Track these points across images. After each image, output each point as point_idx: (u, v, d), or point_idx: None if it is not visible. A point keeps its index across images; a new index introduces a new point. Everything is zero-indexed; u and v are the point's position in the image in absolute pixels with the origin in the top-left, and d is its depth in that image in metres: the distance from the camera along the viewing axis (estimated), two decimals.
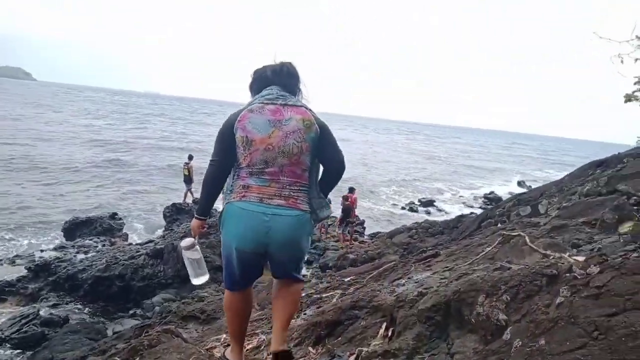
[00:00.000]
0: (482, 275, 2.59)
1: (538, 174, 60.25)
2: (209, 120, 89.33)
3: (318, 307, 4.06)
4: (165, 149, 41.28)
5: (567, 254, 2.97)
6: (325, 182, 2.56)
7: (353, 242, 16.71)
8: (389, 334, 2.90)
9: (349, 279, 5.33)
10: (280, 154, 2.32)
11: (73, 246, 15.56)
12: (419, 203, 30.85)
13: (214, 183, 2.51)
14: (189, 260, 2.72)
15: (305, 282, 6.22)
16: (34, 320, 10.47)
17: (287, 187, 2.36)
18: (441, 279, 3.20)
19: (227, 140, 2.40)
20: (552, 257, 3.01)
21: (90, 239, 16.22)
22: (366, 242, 16.93)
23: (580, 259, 2.59)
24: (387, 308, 3.05)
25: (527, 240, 3.20)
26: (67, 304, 11.93)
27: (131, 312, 10.97)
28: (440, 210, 29.48)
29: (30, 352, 9.41)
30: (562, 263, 2.38)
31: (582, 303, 1.92)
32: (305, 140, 2.34)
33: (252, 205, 2.32)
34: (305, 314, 4.06)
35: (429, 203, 30.69)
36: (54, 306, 11.62)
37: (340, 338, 3.15)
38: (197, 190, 20.37)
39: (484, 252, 3.45)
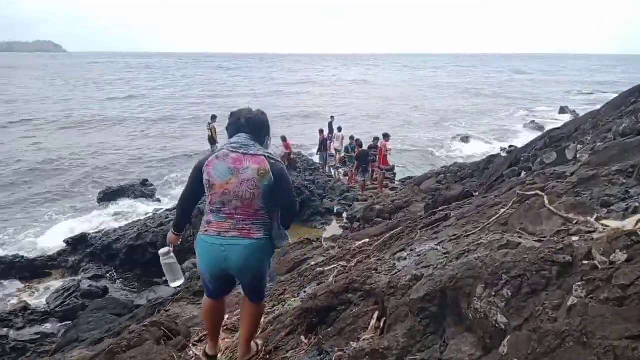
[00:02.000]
0: (483, 257, 2.12)
1: (580, 98, 56.75)
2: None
3: (318, 284, 3.72)
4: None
5: (595, 216, 2.41)
6: (282, 218, 2.88)
7: (384, 188, 16.31)
8: (381, 325, 2.51)
9: (359, 243, 4.94)
10: (235, 197, 2.65)
11: (108, 215, 15.97)
12: (452, 139, 29.72)
13: (183, 208, 2.96)
14: (166, 266, 3.16)
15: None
16: (75, 293, 10.87)
17: (241, 222, 2.70)
18: (443, 253, 2.74)
19: (196, 178, 2.75)
20: (575, 221, 2.46)
21: (124, 207, 16.58)
22: (397, 188, 16.47)
23: (612, 224, 2.05)
24: (380, 294, 2.64)
25: (546, 202, 2.65)
26: (106, 273, 12.28)
27: (164, 278, 11.10)
28: (477, 144, 28.32)
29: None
30: (579, 243, 1.85)
31: (600, 311, 1.43)
32: (257, 188, 2.64)
33: (211, 238, 2.72)
34: (305, 292, 3.72)
35: (464, 139, 29.47)
36: (94, 277, 11.98)
37: (330, 329, 2.79)
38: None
39: (496, 216, 2.93)
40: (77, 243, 13.52)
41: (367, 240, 5.03)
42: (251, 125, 2.78)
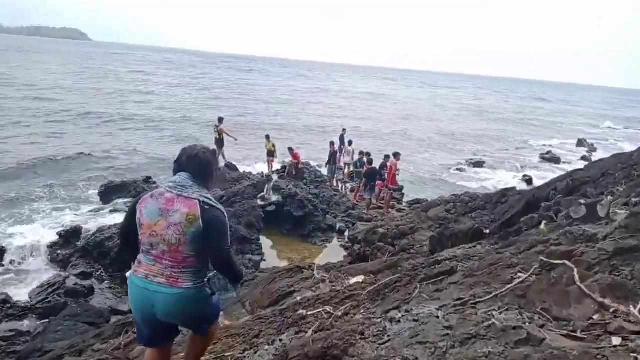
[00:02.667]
0: (495, 356, 1.61)
1: (599, 132, 55.78)
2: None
3: (297, 332, 3.22)
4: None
5: (638, 308, 1.91)
6: (218, 271, 2.64)
7: (390, 209, 15.78)
8: None
9: (352, 281, 4.45)
10: (162, 241, 2.49)
11: (106, 210, 15.62)
12: (467, 164, 29.09)
13: (122, 244, 2.91)
14: None
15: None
16: (59, 290, 10.47)
17: (169, 268, 2.51)
18: (445, 327, 2.23)
19: (132, 214, 2.62)
20: (613, 309, 1.96)
21: (124, 203, 16.21)
22: (404, 210, 15.93)
23: None
24: None
25: (576, 277, 2.15)
26: (95, 271, 11.88)
27: None
28: (490, 171, 27.66)
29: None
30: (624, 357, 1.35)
31: None
32: (184, 234, 2.46)
33: (139, 281, 2.58)
34: (281, 340, 3.22)
35: (478, 164, 28.84)
36: (81, 274, 11.57)
37: None
38: (228, 153, 19.95)
39: (513, 284, 2.43)
40: (70, 236, 13.15)
41: (362, 278, 4.54)
42: (192, 165, 2.60)
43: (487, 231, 6.74)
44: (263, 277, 5.66)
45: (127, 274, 2.86)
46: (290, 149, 18.13)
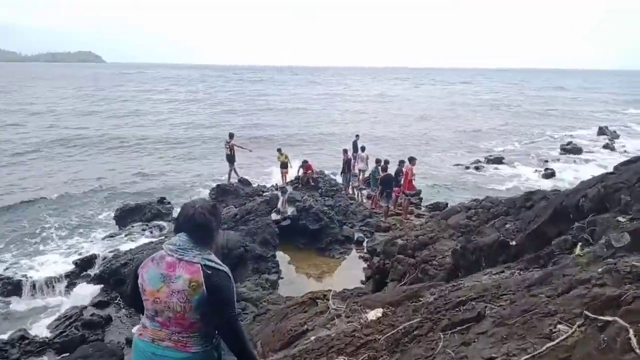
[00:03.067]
0: None
1: (621, 118, 54.16)
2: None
3: None
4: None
5: None
6: (223, 340, 2.55)
7: (409, 215, 15.33)
8: None
9: (370, 315, 4.09)
10: (166, 308, 2.36)
11: (121, 234, 15.52)
12: (485, 160, 28.35)
13: (134, 306, 2.65)
14: None
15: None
16: (75, 322, 10.33)
17: (176, 333, 2.41)
18: None
19: (133, 280, 2.52)
20: None
21: (140, 226, 16.11)
22: (423, 215, 15.46)
23: None
24: None
25: (633, 342, 1.75)
26: (112, 300, 11.73)
27: None
28: (510, 167, 26.89)
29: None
30: None
31: None
32: (188, 302, 2.34)
33: (144, 345, 2.44)
34: None
35: (497, 160, 28.06)
36: (98, 304, 11.44)
37: None
38: (241, 169, 19.74)
39: (554, 342, 2.04)
40: (86, 265, 13.08)
41: (380, 312, 4.17)
42: (189, 226, 2.44)
43: (513, 242, 6.30)
44: (276, 310, 5.33)
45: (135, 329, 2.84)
46: (304, 162, 17.92)
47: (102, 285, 12.10)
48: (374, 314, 4.22)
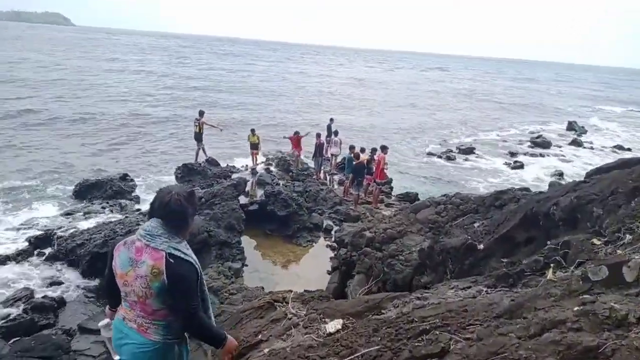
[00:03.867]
0: None
1: (590, 113, 55.50)
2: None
3: None
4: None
5: None
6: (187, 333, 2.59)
7: (378, 204, 15.22)
8: None
9: (330, 328, 3.86)
10: (132, 292, 2.42)
11: (80, 212, 14.83)
12: (457, 151, 28.51)
13: (109, 289, 2.70)
14: (107, 339, 2.86)
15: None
16: (24, 305, 9.80)
17: (141, 317, 2.47)
18: None
19: (110, 261, 2.57)
20: None
21: (100, 204, 15.44)
22: (393, 204, 15.38)
23: None
24: None
25: None
26: (67, 280, 11.21)
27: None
28: (481, 158, 27.14)
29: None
30: None
31: None
32: (150, 288, 2.36)
33: (117, 321, 2.58)
34: None
35: (468, 151, 28.26)
36: (52, 284, 10.92)
37: None
38: (210, 148, 19.13)
39: None
40: (40, 243, 12.44)
41: (340, 323, 3.95)
42: (164, 213, 2.45)
43: (481, 246, 6.17)
44: (231, 313, 5.03)
45: (103, 323, 2.88)
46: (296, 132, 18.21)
47: (56, 266, 11.57)
48: (333, 326, 3.99)
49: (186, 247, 2.52)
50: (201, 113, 17.02)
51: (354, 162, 14.49)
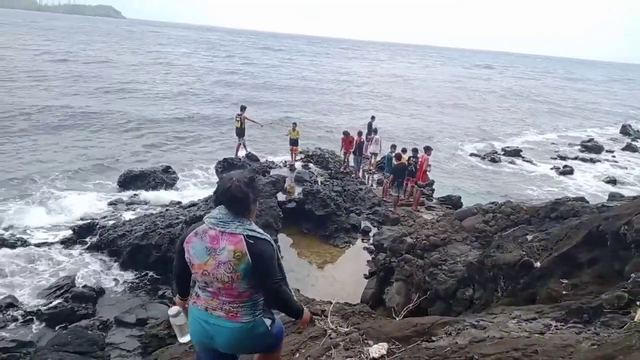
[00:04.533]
0: None
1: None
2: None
3: None
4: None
5: None
6: (268, 303, 2.61)
7: (419, 206, 14.71)
8: None
9: (374, 350, 3.61)
10: (215, 280, 2.44)
11: (123, 202, 15.10)
12: (502, 152, 27.44)
13: (178, 280, 2.79)
14: (176, 326, 2.95)
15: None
16: (66, 294, 9.98)
17: (227, 303, 2.50)
18: None
19: (180, 254, 2.55)
20: None
21: (142, 194, 15.69)
22: (434, 207, 14.84)
23: None
24: None
25: None
26: (107, 270, 11.38)
27: (161, 292, 10.06)
28: (527, 162, 25.97)
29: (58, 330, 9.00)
30: None
31: None
32: (235, 271, 2.40)
33: (199, 313, 2.57)
34: None
35: (514, 153, 27.15)
36: (92, 274, 11.12)
37: None
38: (250, 144, 19.10)
39: None
40: (84, 232, 12.72)
41: (385, 348, 3.65)
42: (228, 198, 2.48)
43: (538, 264, 5.70)
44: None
45: (173, 312, 2.89)
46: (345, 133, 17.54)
47: (97, 256, 11.77)
48: (377, 350, 3.69)
49: (258, 227, 2.56)
50: (243, 108, 16.96)
51: (395, 163, 14.02)
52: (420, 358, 3.17)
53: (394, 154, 14.47)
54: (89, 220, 13.24)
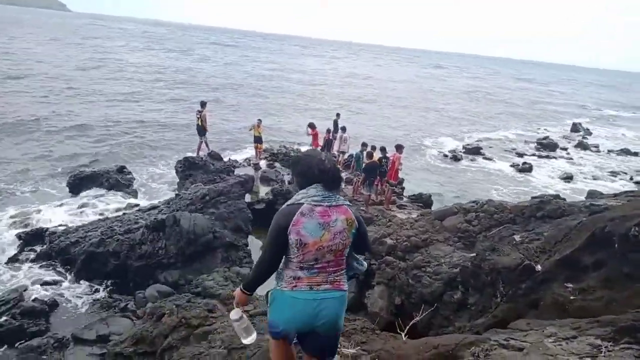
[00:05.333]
0: None
1: (594, 115, 55.06)
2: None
3: None
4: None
5: None
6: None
7: (390, 205, 14.44)
8: None
9: None
10: (329, 252, 2.62)
11: (74, 206, 13.93)
12: (463, 150, 27.80)
13: (264, 272, 2.72)
14: (241, 329, 2.90)
15: None
16: (13, 309, 8.95)
17: (332, 274, 2.68)
18: None
19: (281, 242, 2.61)
20: None
21: (95, 197, 14.55)
22: (405, 206, 14.63)
23: None
24: None
25: None
26: (60, 281, 10.36)
27: (123, 304, 9.19)
28: (487, 159, 26.39)
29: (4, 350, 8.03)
30: None
31: None
32: (348, 237, 2.65)
33: (303, 294, 2.62)
34: None
35: (474, 151, 27.55)
36: (44, 284, 10.08)
37: None
38: (212, 141, 18.23)
39: None
40: (31, 239, 11.59)
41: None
42: (326, 178, 2.66)
43: (539, 267, 5.42)
44: (260, 346, 4.24)
45: (235, 317, 2.83)
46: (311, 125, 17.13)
47: (48, 265, 10.70)
48: None
49: None
50: (203, 104, 15.98)
51: (367, 161, 13.66)
52: None
53: (365, 152, 14.11)
54: (36, 227, 12.08)
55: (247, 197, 13.39)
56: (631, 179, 24.70)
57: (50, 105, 26.46)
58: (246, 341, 2.97)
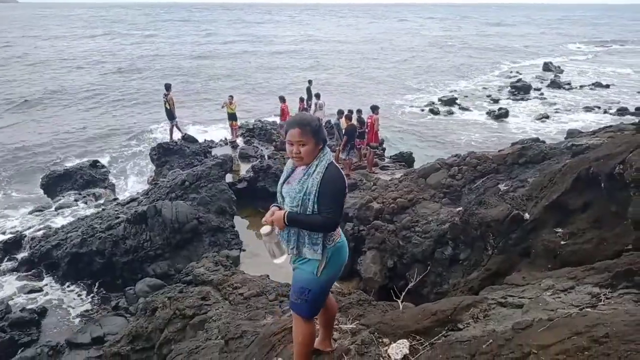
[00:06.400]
0: None
1: (566, 51, 55.17)
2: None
3: None
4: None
5: None
6: None
7: (373, 167, 14.33)
8: None
9: (393, 350, 3.11)
10: None
11: (52, 208, 13.53)
12: (439, 102, 27.68)
13: (316, 230, 2.63)
14: (273, 244, 2.70)
15: None
16: (1, 322, 8.70)
17: None
18: None
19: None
20: None
21: (71, 195, 14.12)
22: (389, 167, 14.55)
23: None
24: None
25: None
26: (46, 287, 10.12)
27: (114, 302, 9.02)
28: (464, 109, 26.34)
29: None
30: None
31: None
32: None
33: (342, 238, 2.77)
34: None
35: (450, 102, 27.44)
36: (30, 292, 9.84)
37: None
38: (183, 124, 17.74)
39: None
40: (11, 247, 11.24)
41: (406, 346, 3.13)
42: None
43: (527, 215, 5.38)
44: (255, 332, 4.13)
45: (264, 230, 2.62)
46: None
47: (32, 272, 10.42)
48: (398, 351, 3.13)
49: None
50: (167, 87, 15.15)
51: (345, 125, 13.42)
52: (453, 354, 2.65)
53: (344, 116, 13.83)
54: (13, 234, 11.70)
55: (228, 178, 13.12)
56: (605, 112, 25.01)
57: None
58: (278, 260, 2.78)
